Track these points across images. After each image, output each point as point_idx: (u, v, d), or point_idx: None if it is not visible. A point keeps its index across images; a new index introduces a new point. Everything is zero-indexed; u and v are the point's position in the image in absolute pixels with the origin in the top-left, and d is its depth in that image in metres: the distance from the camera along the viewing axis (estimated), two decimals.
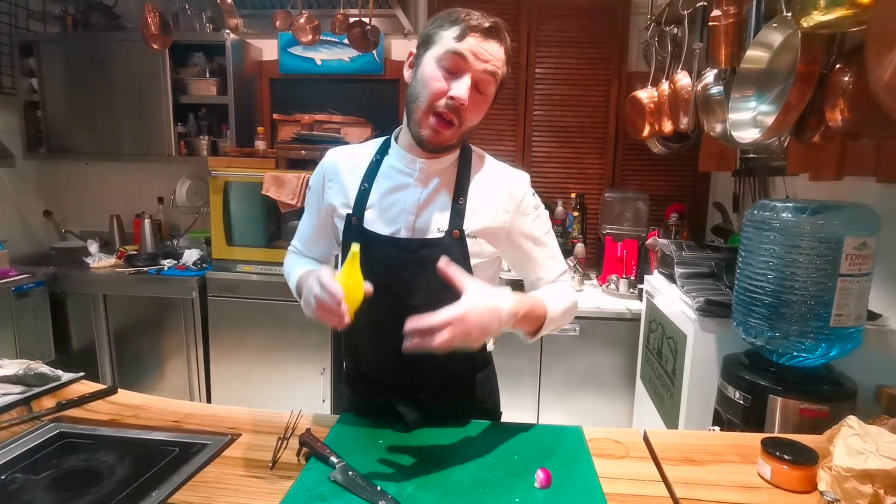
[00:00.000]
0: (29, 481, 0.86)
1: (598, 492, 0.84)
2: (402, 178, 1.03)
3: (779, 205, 1.20)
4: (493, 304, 0.85)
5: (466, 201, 1.02)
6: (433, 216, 1.01)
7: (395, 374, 1.07)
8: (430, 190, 1.02)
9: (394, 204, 1.02)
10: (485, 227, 1.02)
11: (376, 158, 1.07)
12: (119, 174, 3.11)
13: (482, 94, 0.95)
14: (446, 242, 0.99)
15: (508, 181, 1.06)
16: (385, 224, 1.02)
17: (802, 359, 1.22)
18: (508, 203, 1.04)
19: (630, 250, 2.59)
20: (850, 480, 0.77)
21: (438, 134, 0.94)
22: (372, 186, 1.04)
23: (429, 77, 0.93)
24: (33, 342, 2.47)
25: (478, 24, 0.91)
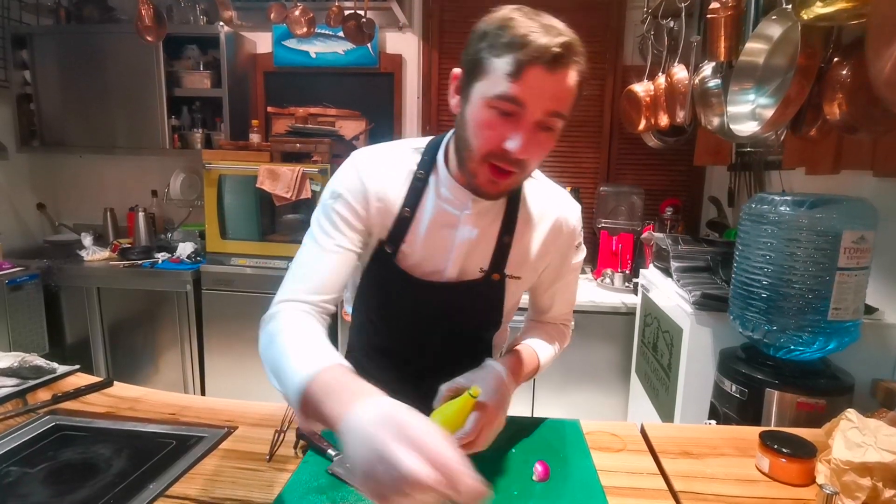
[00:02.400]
0: (24, 474, 0.85)
1: (596, 485, 0.84)
2: (452, 212, 0.87)
3: (777, 198, 1.20)
4: (503, 387, 0.83)
5: (512, 239, 0.90)
6: (477, 255, 0.90)
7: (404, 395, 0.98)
8: (480, 228, 0.88)
9: (439, 242, 0.88)
10: (526, 266, 0.93)
11: (420, 176, 0.88)
12: (113, 167, 3.08)
13: (549, 130, 0.74)
14: (484, 285, 0.91)
15: (559, 215, 0.93)
16: (423, 262, 0.89)
17: (799, 353, 1.22)
18: (555, 242, 0.93)
19: (625, 244, 2.60)
20: (848, 473, 0.78)
21: (496, 184, 0.79)
22: (414, 214, 0.88)
23: (479, 124, 0.74)
24: (27, 335, 2.45)
25: (541, 53, 0.67)
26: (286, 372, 0.64)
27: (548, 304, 1.02)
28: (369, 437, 0.49)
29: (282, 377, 0.65)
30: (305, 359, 0.64)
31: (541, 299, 1.02)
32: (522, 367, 0.91)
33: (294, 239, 2.59)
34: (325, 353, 0.65)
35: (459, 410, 0.73)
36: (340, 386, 0.58)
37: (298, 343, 0.69)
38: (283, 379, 0.65)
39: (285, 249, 2.53)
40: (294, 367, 0.63)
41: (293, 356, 0.66)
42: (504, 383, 0.83)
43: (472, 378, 0.81)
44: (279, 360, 0.67)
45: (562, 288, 1.00)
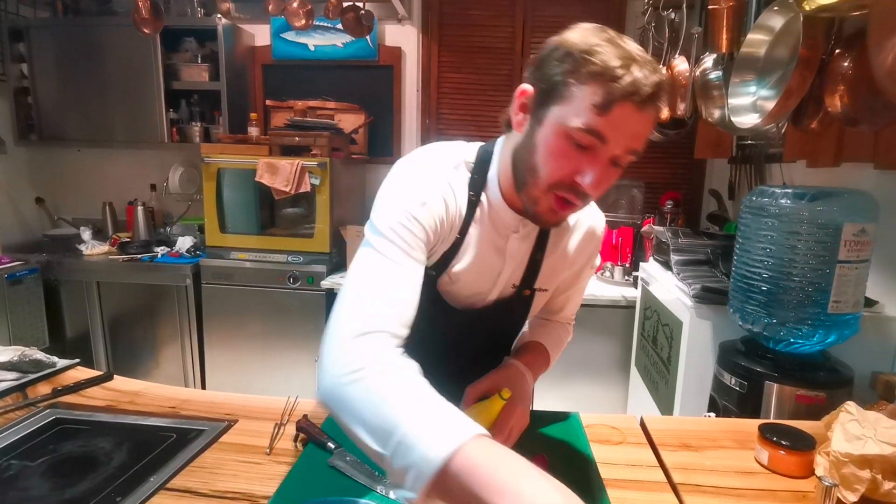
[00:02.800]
0: (25, 468, 0.86)
1: (596, 478, 0.84)
2: (499, 236, 0.83)
3: (777, 191, 1.20)
4: (526, 386, 0.84)
5: (544, 255, 0.88)
6: (513, 273, 0.88)
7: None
8: (523, 250, 0.86)
9: (485, 268, 0.84)
10: (555, 278, 0.92)
11: (472, 198, 0.80)
12: (111, 161, 3.07)
13: (619, 166, 0.70)
14: (515, 301, 0.90)
15: (590, 225, 0.91)
16: (465, 288, 0.86)
17: (799, 345, 1.22)
18: (584, 252, 0.92)
19: (625, 238, 2.59)
20: (848, 465, 0.78)
21: (556, 215, 0.74)
22: (464, 238, 0.81)
23: (552, 151, 0.68)
24: (27, 329, 2.45)
25: (635, 91, 0.63)
26: (408, 438, 0.51)
27: (560, 306, 1.02)
28: None
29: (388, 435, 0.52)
30: (438, 424, 0.52)
31: (554, 302, 1.01)
32: (539, 367, 0.93)
33: (294, 232, 2.59)
34: (461, 419, 0.53)
35: (490, 412, 0.73)
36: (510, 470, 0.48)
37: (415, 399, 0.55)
38: (403, 447, 0.51)
39: (285, 243, 2.52)
40: (422, 433, 0.51)
41: (415, 417, 0.52)
42: (527, 383, 0.84)
43: (496, 379, 0.81)
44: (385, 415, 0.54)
45: (576, 292, 1.00)
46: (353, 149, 2.79)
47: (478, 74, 2.87)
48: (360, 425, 0.55)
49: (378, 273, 0.68)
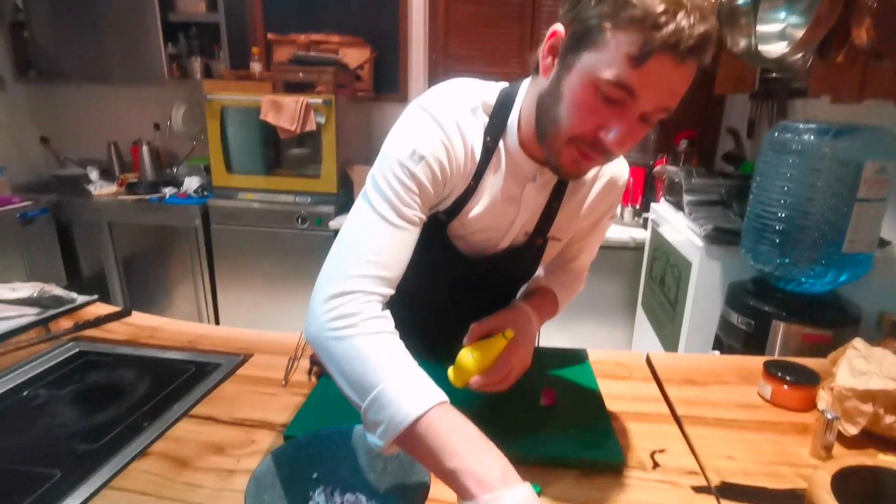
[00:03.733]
0: (53, 396, 0.89)
1: (601, 410, 0.86)
2: (515, 184, 0.78)
3: (801, 126, 1.16)
4: (531, 328, 0.83)
5: (561, 204, 0.83)
6: (527, 221, 0.84)
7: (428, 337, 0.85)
8: (539, 199, 0.81)
9: (499, 217, 0.81)
10: (570, 228, 0.88)
11: (489, 144, 0.76)
12: (112, 99, 3.00)
13: (648, 122, 0.63)
14: (526, 249, 0.87)
15: (613, 174, 0.85)
16: (478, 235, 0.83)
17: (810, 285, 1.22)
18: (604, 201, 0.87)
19: (636, 178, 2.55)
20: (851, 400, 0.79)
21: (579, 167, 0.70)
22: (478, 184, 0.77)
23: (578, 103, 0.63)
24: (45, 269, 2.50)
25: (677, 41, 0.55)
26: (380, 395, 0.57)
27: (575, 254, 0.99)
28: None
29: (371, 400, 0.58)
30: (408, 389, 0.57)
31: (569, 250, 0.98)
32: (546, 312, 0.91)
33: (300, 173, 2.56)
34: (428, 382, 0.59)
35: (492, 351, 0.74)
36: (470, 443, 0.55)
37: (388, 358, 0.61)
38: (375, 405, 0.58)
39: (291, 184, 2.51)
40: (394, 393, 0.57)
41: (390, 380, 0.58)
42: (532, 325, 0.83)
43: (502, 319, 0.81)
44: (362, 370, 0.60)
45: (593, 241, 0.97)
46: (359, 86, 2.71)
47: (489, 6, 2.72)
48: (341, 377, 0.62)
49: (369, 230, 0.69)
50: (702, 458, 0.77)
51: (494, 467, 0.53)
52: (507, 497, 0.50)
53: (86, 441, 0.78)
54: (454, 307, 0.85)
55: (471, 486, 0.52)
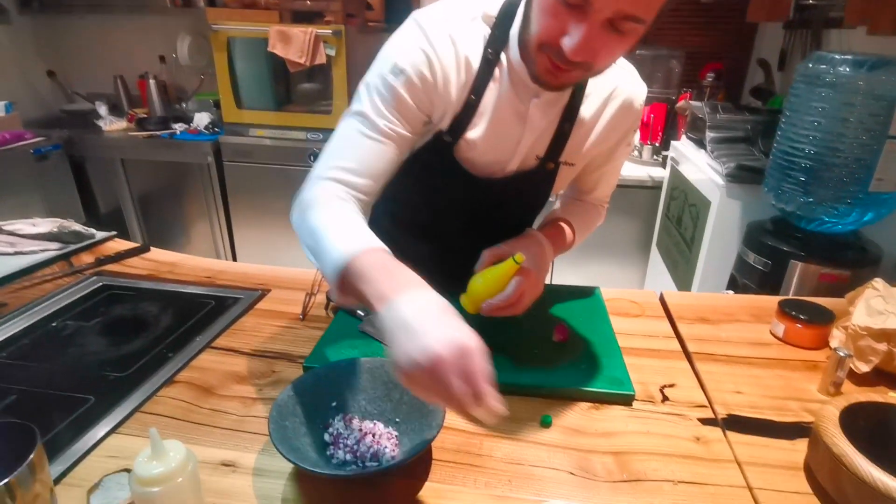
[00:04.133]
0: (81, 327, 0.93)
1: (613, 345, 0.87)
2: (520, 100, 0.76)
3: (837, 57, 1.09)
4: (543, 255, 0.82)
5: (573, 126, 0.81)
6: (536, 143, 0.81)
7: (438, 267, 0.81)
8: (548, 118, 0.79)
9: (505, 135, 0.79)
10: (584, 152, 0.85)
11: (490, 55, 0.74)
12: (116, 30, 2.91)
13: (620, 32, 0.60)
14: (538, 174, 0.85)
15: (627, 96, 0.81)
16: (484, 155, 0.81)
17: (832, 225, 1.20)
18: (618, 126, 0.84)
19: (657, 114, 2.45)
20: (865, 338, 0.79)
21: (555, 77, 0.68)
22: (481, 99, 0.76)
23: (542, 7, 0.62)
24: (62, 205, 2.53)
25: None
26: (325, 247, 0.62)
27: (592, 185, 0.97)
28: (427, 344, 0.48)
29: (319, 252, 0.63)
30: (347, 237, 0.62)
31: (585, 180, 0.96)
32: (560, 241, 0.90)
33: (312, 109, 2.50)
34: (367, 235, 0.63)
35: (503, 275, 0.74)
36: (385, 269, 0.57)
37: (338, 222, 0.66)
38: (321, 254, 0.63)
39: (303, 120, 2.46)
40: (334, 243, 0.61)
41: (333, 233, 0.63)
42: (545, 252, 0.82)
43: (514, 245, 0.80)
44: (317, 235, 0.64)
45: (610, 170, 0.94)
46: (369, 15, 2.59)
47: None
48: (307, 250, 0.67)
49: (344, 141, 0.73)
50: (710, 392, 0.78)
51: (399, 285, 0.54)
52: (401, 301, 0.52)
53: (115, 369, 0.81)
54: (468, 238, 0.85)
55: (377, 304, 0.53)
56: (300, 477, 0.61)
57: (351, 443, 0.63)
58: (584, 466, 0.64)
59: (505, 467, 0.64)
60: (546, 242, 0.84)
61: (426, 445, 0.59)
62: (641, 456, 0.66)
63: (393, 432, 0.66)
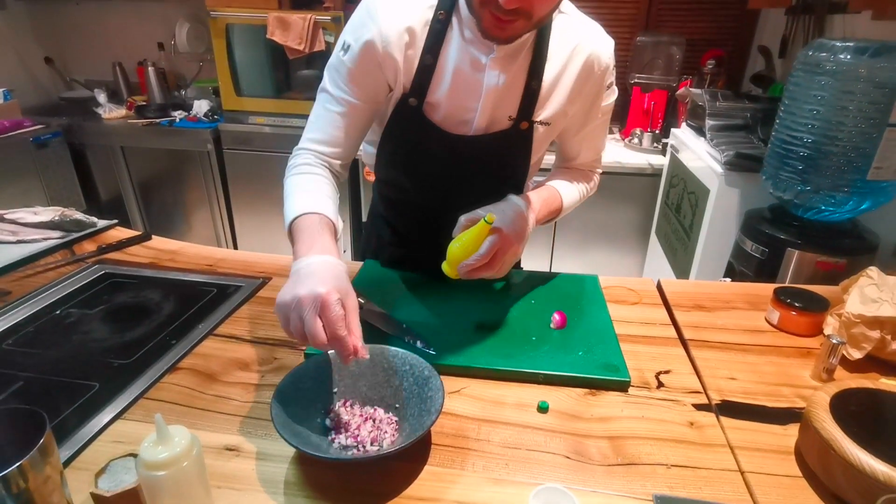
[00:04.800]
0: (84, 315, 0.94)
1: (610, 332, 0.88)
2: (478, 55, 0.81)
3: (838, 44, 1.09)
4: (521, 217, 0.81)
5: (541, 84, 0.84)
6: (506, 102, 0.85)
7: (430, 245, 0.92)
8: (509, 73, 0.82)
9: (465, 90, 0.83)
10: (557, 111, 0.88)
11: (441, 17, 0.80)
12: (113, 15, 2.89)
13: None
14: (513, 134, 0.88)
15: (592, 51, 0.85)
16: (453, 113, 0.85)
17: (829, 213, 1.20)
18: (588, 82, 0.87)
19: (658, 102, 2.45)
20: (858, 326, 0.80)
21: (502, 30, 0.73)
22: (437, 60, 0.82)
23: None
24: (63, 193, 2.54)
25: None
26: (287, 206, 0.77)
27: (575, 150, 0.99)
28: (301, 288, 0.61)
29: (284, 209, 0.78)
30: (296, 202, 0.76)
31: (568, 145, 0.98)
32: (543, 203, 0.91)
33: (311, 96, 2.47)
34: (310, 202, 0.76)
35: (476, 237, 0.75)
36: (308, 233, 0.71)
37: (297, 188, 0.80)
38: (285, 210, 0.78)
39: (303, 107, 2.45)
40: (289, 205, 0.77)
41: (290, 197, 0.78)
42: (522, 214, 0.82)
43: (490, 208, 0.81)
44: (285, 196, 0.80)
45: (590, 133, 0.95)
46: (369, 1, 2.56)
47: None
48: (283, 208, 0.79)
49: (313, 115, 0.88)
50: (705, 378, 0.80)
51: (305, 249, 0.68)
52: (301, 261, 0.65)
53: (119, 356, 0.82)
54: (448, 206, 0.86)
55: (293, 258, 0.68)
56: (302, 461, 0.63)
57: (352, 428, 0.65)
58: (579, 450, 0.66)
59: (502, 451, 0.65)
60: (525, 204, 0.84)
61: (426, 430, 0.60)
62: (636, 440, 0.68)
63: (393, 417, 0.68)
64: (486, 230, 0.74)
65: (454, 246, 0.77)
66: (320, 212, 0.74)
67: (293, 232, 0.73)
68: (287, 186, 0.82)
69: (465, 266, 0.76)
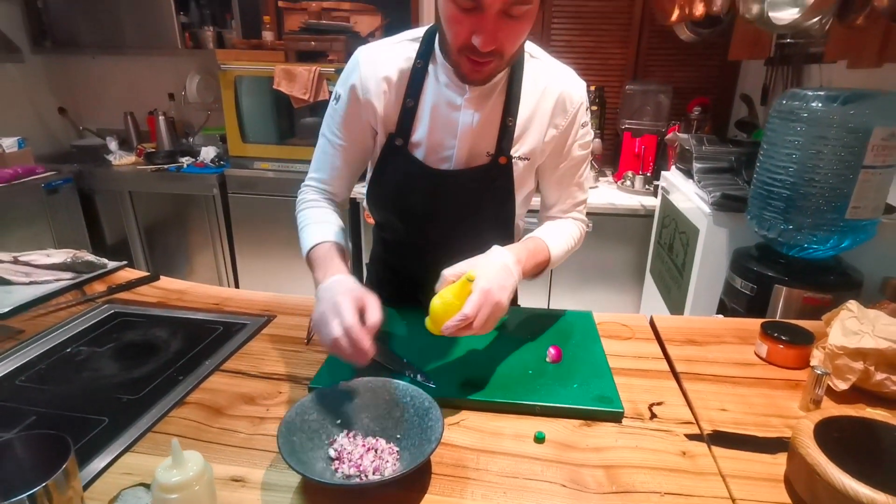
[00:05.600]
0: (94, 353, 0.97)
1: (604, 366, 0.91)
2: (453, 96, 0.90)
3: (810, 93, 1.16)
4: (504, 272, 0.81)
5: (516, 121, 0.92)
6: (483, 139, 0.92)
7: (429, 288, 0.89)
8: (483, 111, 0.90)
9: (443, 128, 0.92)
10: (534, 146, 0.94)
11: (418, 65, 0.90)
12: (126, 69, 3.04)
13: (515, 18, 0.75)
14: (492, 169, 0.94)
15: (563, 90, 0.93)
16: (433, 150, 0.94)
17: (813, 251, 1.25)
18: (560, 118, 0.94)
19: (648, 146, 2.55)
20: (842, 357, 0.83)
21: (478, 73, 0.82)
22: (418, 103, 0.92)
23: (446, 18, 0.77)
24: (70, 236, 2.59)
25: None
26: (302, 237, 0.93)
27: (554, 195, 1.02)
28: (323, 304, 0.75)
29: (300, 240, 0.93)
30: (311, 234, 0.91)
31: (547, 190, 1.02)
32: (529, 256, 0.90)
33: (312, 143, 2.57)
34: (322, 232, 0.91)
35: (458, 294, 0.74)
36: (324, 261, 0.85)
37: (309, 221, 0.95)
38: (301, 241, 0.92)
39: (305, 153, 2.54)
40: (302, 242, 0.92)
41: (304, 230, 0.94)
42: (507, 268, 0.82)
43: (474, 263, 0.81)
44: (300, 228, 0.95)
45: (567, 175, 0.99)
46: None
47: None
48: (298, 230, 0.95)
49: (316, 156, 1.02)
50: (697, 409, 0.82)
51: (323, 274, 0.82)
52: (323, 284, 0.79)
53: (128, 392, 0.85)
54: (439, 245, 0.95)
55: (316, 283, 0.82)
56: (307, 491, 0.65)
57: (355, 458, 0.67)
58: (575, 479, 0.68)
59: (500, 480, 0.67)
60: (511, 258, 0.83)
61: (426, 457, 0.62)
62: (630, 469, 0.70)
63: (394, 448, 0.70)
64: (468, 287, 0.74)
65: (436, 303, 0.75)
66: (330, 240, 0.89)
67: (311, 262, 0.88)
68: (300, 219, 0.97)
69: (448, 327, 0.74)
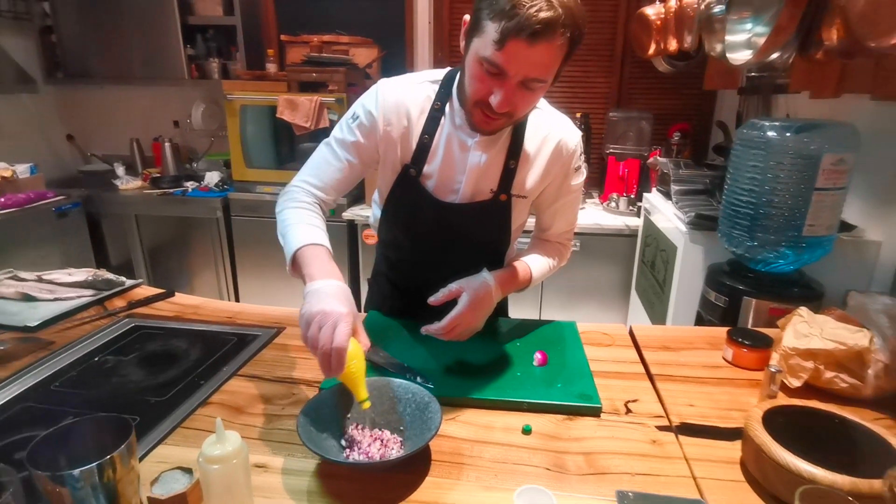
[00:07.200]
0: (120, 361, 1.06)
1: (585, 368, 1.01)
2: (464, 138, 1.00)
3: (766, 124, 1.29)
4: (485, 292, 1.00)
5: (518, 163, 1.02)
6: (488, 177, 1.03)
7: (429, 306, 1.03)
8: (490, 153, 1.01)
9: (454, 165, 1.02)
10: (531, 187, 1.05)
11: (437, 107, 1.00)
12: (134, 98, 3.17)
13: (530, 89, 0.84)
14: (493, 205, 1.05)
15: (561, 138, 1.04)
16: (443, 183, 1.03)
17: (777, 265, 1.37)
18: (557, 161, 1.04)
19: (631, 169, 2.68)
20: (794, 357, 0.94)
21: (488, 125, 0.91)
22: (433, 140, 1.01)
23: (471, 75, 0.85)
24: (77, 258, 2.67)
25: (522, 27, 0.74)
26: (288, 237, 0.91)
27: (549, 222, 1.16)
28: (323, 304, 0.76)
29: (285, 238, 0.92)
30: (301, 233, 0.90)
31: (543, 217, 1.16)
32: (512, 278, 1.08)
33: None
34: (314, 233, 0.91)
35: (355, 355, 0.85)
36: (316, 261, 0.85)
37: (299, 220, 0.94)
38: (286, 239, 0.92)
39: None
40: (294, 235, 0.90)
41: (294, 227, 0.92)
42: (488, 289, 1.00)
43: (461, 283, 0.99)
44: (285, 225, 0.94)
45: (562, 207, 1.13)
46: (368, 84, 2.85)
47: None
48: (279, 231, 0.95)
49: (317, 154, 1.06)
50: (667, 405, 0.92)
51: (322, 273, 0.81)
52: (319, 284, 0.79)
53: (155, 394, 0.94)
54: (440, 265, 1.05)
55: (305, 282, 0.82)
56: (322, 474, 0.74)
57: (364, 446, 0.76)
58: (558, 464, 0.77)
59: (492, 465, 0.77)
60: (493, 281, 1.02)
61: (426, 442, 0.72)
62: (606, 455, 0.79)
63: (398, 438, 0.79)
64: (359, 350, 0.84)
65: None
66: (326, 246, 0.90)
67: (304, 256, 0.87)
68: (286, 216, 0.96)
69: (426, 330, 0.98)
